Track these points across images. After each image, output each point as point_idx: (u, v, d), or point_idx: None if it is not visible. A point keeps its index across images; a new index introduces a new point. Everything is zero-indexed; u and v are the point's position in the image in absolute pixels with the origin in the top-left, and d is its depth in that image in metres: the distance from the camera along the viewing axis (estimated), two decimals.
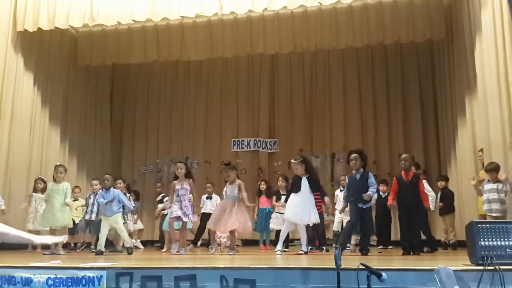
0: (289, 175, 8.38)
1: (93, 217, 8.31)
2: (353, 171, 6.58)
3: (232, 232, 6.82)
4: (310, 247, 7.09)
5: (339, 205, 7.74)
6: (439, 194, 8.18)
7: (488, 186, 6.55)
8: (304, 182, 6.59)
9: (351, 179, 6.59)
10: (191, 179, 7.05)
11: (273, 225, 8.07)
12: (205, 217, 8.62)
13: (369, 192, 6.32)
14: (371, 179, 6.46)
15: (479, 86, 7.27)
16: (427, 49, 10.95)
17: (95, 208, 8.37)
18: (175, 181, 7.01)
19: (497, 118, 6.58)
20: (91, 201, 8.48)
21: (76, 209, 8.49)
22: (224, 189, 7.71)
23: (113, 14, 8.76)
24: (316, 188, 6.68)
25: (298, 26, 9.40)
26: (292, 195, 6.64)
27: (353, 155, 6.54)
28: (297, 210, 6.51)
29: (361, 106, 11.34)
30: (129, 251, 7.06)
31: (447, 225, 8.22)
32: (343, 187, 7.65)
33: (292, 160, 6.92)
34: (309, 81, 11.73)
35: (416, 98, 11.09)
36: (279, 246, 6.72)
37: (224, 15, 9.20)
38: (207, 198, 8.96)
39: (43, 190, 8.17)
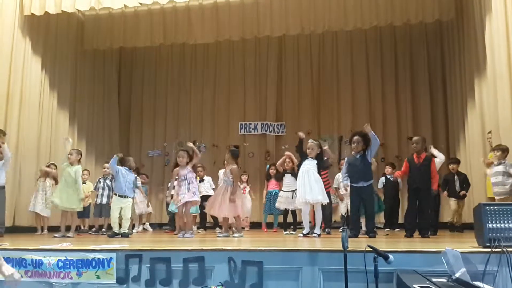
0: (297, 159, 8.36)
1: (104, 201, 8.39)
2: (353, 153, 6.53)
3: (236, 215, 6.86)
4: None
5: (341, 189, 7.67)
6: (457, 179, 8.06)
7: (494, 169, 6.53)
8: (311, 162, 6.54)
9: (351, 160, 6.52)
10: (189, 165, 7.00)
11: (278, 204, 8.00)
12: (202, 199, 8.69)
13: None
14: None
15: (488, 68, 7.18)
16: (436, 31, 10.82)
17: (106, 192, 8.45)
18: (177, 168, 6.98)
19: (507, 99, 6.52)
20: (101, 185, 8.54)
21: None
22: (220, 172, 7.61)
23: None
24: (322, 165, 6.60)
25: (305, 7, 9.29)
26: (299, 175, 6.56)
27: (355, 138, 6.43)
28: (306, 189, 6.43)
29: (369, 89, 11.26)
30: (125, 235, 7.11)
31: (459, 207, 8.18)
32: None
33: (311, 140, 6.86)
34: (317, 64, 11.65)
35: (425, 80, 10.98)
36: (317, 230, 6.56)
37: None
38: (200, 181, 8.98)
39: (54, 176, 8.24)
